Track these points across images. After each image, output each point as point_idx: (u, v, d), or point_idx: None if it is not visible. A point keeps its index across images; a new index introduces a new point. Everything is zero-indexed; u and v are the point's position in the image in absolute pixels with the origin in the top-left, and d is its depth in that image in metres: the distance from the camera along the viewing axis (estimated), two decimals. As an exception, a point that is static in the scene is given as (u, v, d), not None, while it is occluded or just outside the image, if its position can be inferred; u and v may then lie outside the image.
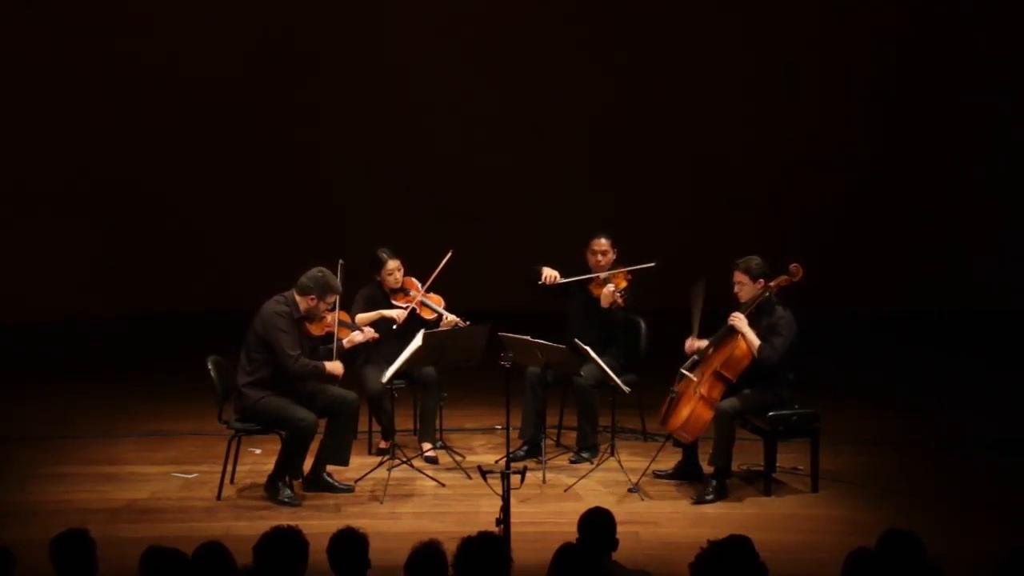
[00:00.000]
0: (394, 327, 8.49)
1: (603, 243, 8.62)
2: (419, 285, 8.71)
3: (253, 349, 7.79)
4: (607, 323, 8.53)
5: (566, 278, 8.63)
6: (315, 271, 7.86)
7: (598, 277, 8.57)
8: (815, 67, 13.13)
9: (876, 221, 13.18)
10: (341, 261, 8.03)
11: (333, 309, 7.95)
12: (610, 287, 8.43)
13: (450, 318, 8.53)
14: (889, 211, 13.17)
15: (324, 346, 7.96)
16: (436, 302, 8.69)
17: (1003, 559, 4.76)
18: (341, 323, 8.04)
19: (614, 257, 8.62)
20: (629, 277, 8.56)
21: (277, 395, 7.75)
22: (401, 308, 8.61)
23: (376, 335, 8.29)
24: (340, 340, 7.99)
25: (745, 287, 7.90)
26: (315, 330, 7.93)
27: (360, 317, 8.50)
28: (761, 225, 12.89)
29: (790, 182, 13.16)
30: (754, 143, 13.10)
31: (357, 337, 8.13)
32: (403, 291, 8.69)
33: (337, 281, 7.87)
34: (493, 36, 13.11)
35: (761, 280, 7.88)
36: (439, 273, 8.62)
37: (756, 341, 7.74)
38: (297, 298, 7.83)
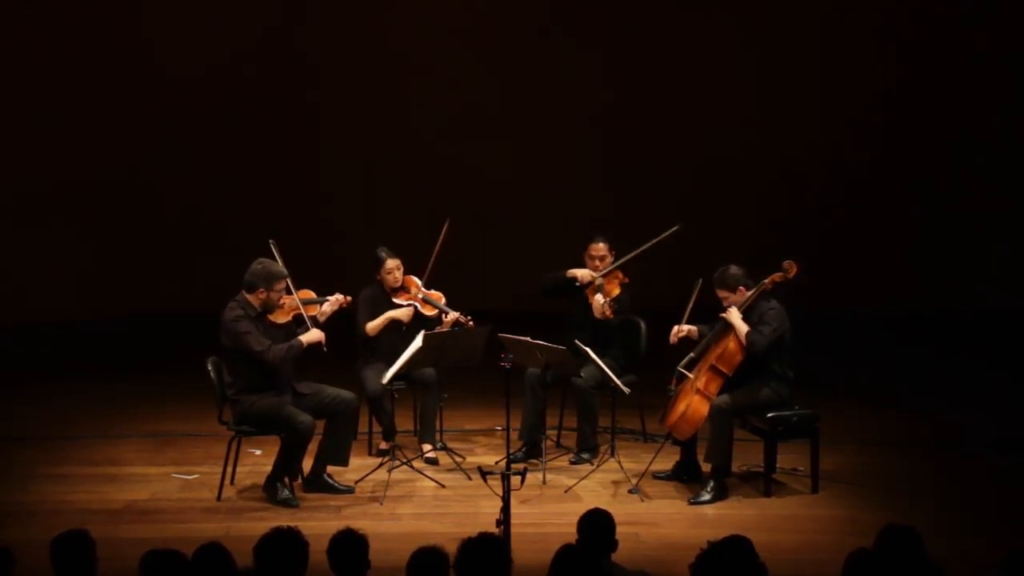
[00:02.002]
0: (403, 329, 8.46)
1: (600, 248, 8.60)
2: (419, 283, 8.70)
3: (230, 360, 7.78)
4: (604, 326, 8.51)
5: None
6: (254, 265, 7.81)
7: (593, 282, 8.56)
8: (815, 67, 13.12)
9: (876, 221, 13.18)
10: (271, 240, 8.02)
11: (289, 291, 7.90)
12: (599, 297, 8.40)
13: (452, 315, 8.52)
14: (889, 211, 13.17)
15: (300, 329, 7.91)
16: (437, 299, 8.69)
17: (1004, 565, 4.75)
18: (305, 302, 7.99)
19: (611, 260, 8.61)
20: (625, 280, 8.54)
21: (273, 397, 7.74)
22: (404, 305, 8.60)
23: (347, 298, 8.22)
24: (313, 317, 7.95)
25: (731, 298, 7.90)
26: (280, 318, 7.88)
27: (370, 326, 8.50)
28: (761, 225, 12.88)
29: (790, 182, 13.16)
30: (754, 143, 13.11)
31: (327, 308, 8.06)
32: (404, 289, 8.68)
33: (278, 265, 7.83)
34: (493, 34, 13.11)
35: (742, 288, 7.87)
36: (440, 247, 8.58)
37: (745, 330, 7.74)
38: (248, 297, 7.80)
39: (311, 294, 8.13)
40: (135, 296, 12.88)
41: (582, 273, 8.60)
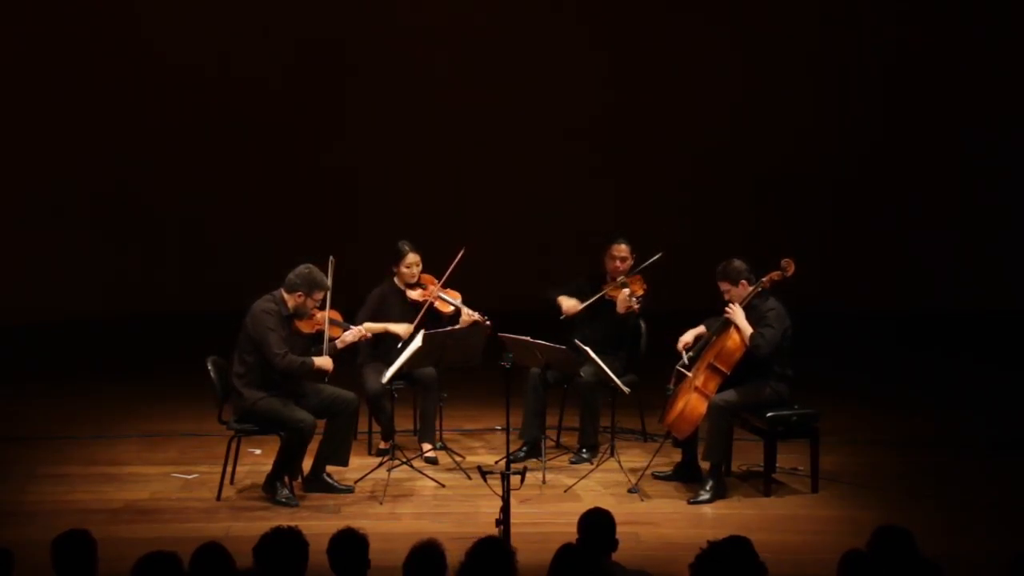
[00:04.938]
0: (399, 345, 8.39)
1: (623, 249, 8.62)
2: (436, 281, 8.69)
3: (245, 350, 7.79)
4: (620, 324, 8.52)
5: (584, 302, 8.61)
6: (302, 267, 7.85)
7: (615, 281, 8.57)
8: (811, 63, 13.12)
9: (875, 221, 13.17)
10: (332, 257, 8.02)
11: (323, 307, 7.94)
12: (626, 291, 8.44)
13: (470, 315, 8.50)
14: (888, 210, 13.17)
15: (315, 347, 7.95)
16: (453, 297, 8.68)
17: (1012, 565, 4.75)
18: (332, 322, 8.02)
19: (632, 262, 8.63)
20: (646, 286, 8.56)
21: (275, 396, 7.75)
22: (420, 302, 8.58)
23: (367, 333, 8.27)
24: (332, 340, 7.98)
25: (732, 292, 7.90)
26: (305, 328, 7.91)
27: (367, 326, 8.49)
28: (760, 224, 12.88)
29: (789, 180, 13.13)
30: (754, 140, 13.09)
31: (348, 337, 8.09)
32: (420, 286, 8.68)
33: (324, 277, 7.86)
34: (492, 34, 13.10)
35: (743, 282, 7.88)
36: (453, 270, 8.59)
37: (749, 330, 7.75)
38: (285, 295, 7.83)
39: (339, 317, 8.16)
40: (135, 296, 12.87)
41: (567, 306, 8.60)
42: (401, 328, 8.52)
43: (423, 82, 13.11)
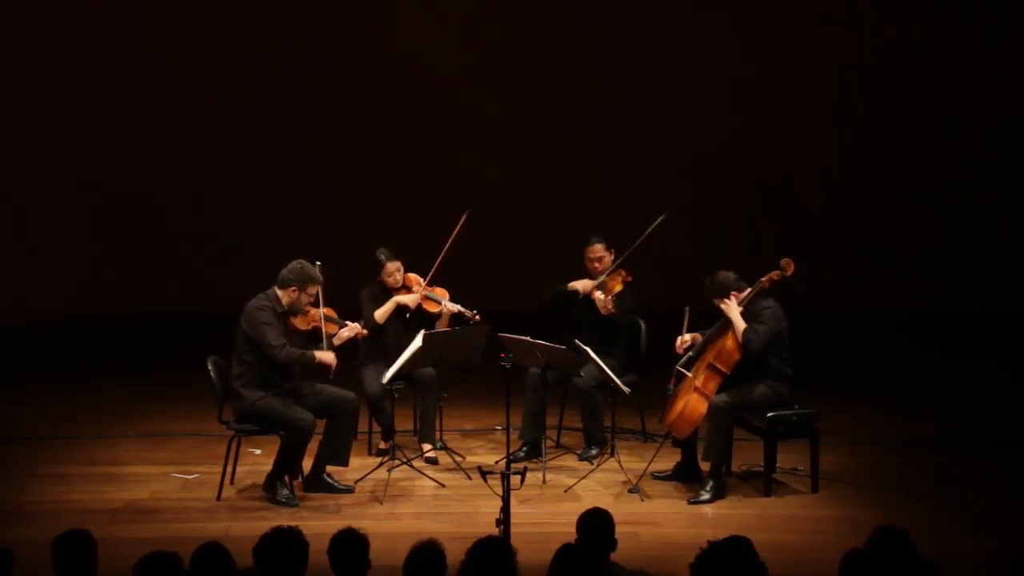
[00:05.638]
0: (407, 315, 8.44)
1: (597, 249, 8.63)
2: (421, 280, 8.69)
3: (242, 350, 7.79)
4: (612, 325, 8.54)
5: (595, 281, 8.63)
6: (294, 263, 7.85)
7: (596, 281, 8.58)
8: (813, 62, 13.12)
9: (875, 221, 13.17)
10: (319, 262, 8.00)
11: (317, 303, 7.94)
12: (599, 294, 8.44)
13: (453, 307, 8.50)
14: (888, 210, 13.17)
15: (313, 346, 7.93)
16: (440, 295, 8.68)
17: (1011, 565, 4.75)
18: (327, 319, 8.02)
19: (611, 260, 8.62)
20: (628, 279, 8.56)
21: (274, 396, 7.75)
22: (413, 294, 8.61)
23: (364, 330, 8.28)
24: (329, 336, 7.99)
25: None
26: (300, 324, 7.92)
27: (378, 314, 8.49)
28: (761, 225, 12.88)
29: (789, 181, 13.14)
30: (753, 140, 13.09)
31: (345, 333, 8.10)
32: (405, 288, 8.67)
33: (317, 272, 7.86)
34: (492, 33, 13.10)
35: (733, 294, 7.87)
36: (455, 238, 8.56)
37: (743, 325, 7.74)
38: (279, 293, 7.83)
39: (334, 314, 8.16)
40: (135, 296, 12.87)
41: (583, 285, 8.62)
42: (409, 298, 8.53)
43: (423, 82, 13.11)
